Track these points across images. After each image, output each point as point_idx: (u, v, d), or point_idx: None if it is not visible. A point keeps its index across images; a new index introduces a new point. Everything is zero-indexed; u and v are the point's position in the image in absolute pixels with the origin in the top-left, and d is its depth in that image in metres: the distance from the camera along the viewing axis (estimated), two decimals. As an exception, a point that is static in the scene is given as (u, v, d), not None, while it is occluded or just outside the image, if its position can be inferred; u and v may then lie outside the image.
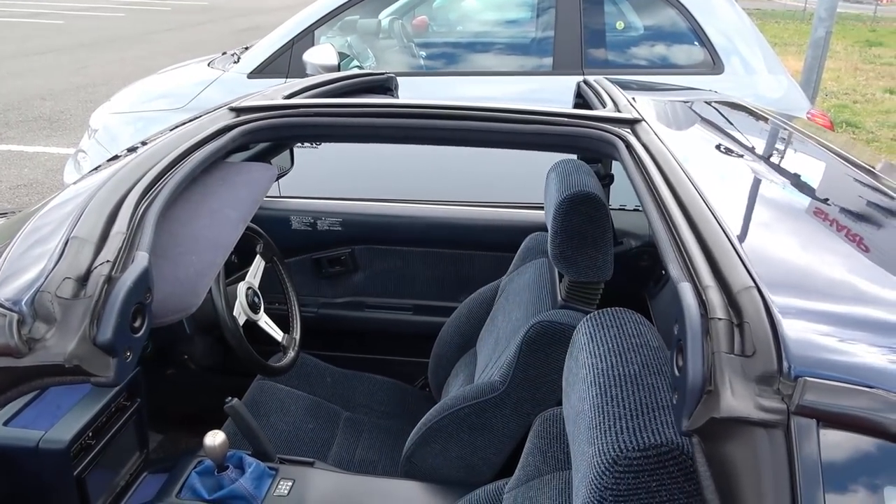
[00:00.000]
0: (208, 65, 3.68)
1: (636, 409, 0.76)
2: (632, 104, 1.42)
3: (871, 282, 0.76)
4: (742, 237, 0.82)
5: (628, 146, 1.17)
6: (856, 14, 18.59)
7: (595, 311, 0.97)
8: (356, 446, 1.78)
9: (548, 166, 1.59)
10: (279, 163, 2.01)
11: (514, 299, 1.63)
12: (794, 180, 1.15)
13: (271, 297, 1.97)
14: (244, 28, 13.02)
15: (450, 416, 1.44)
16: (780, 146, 1.43)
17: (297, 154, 2.15)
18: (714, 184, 1.01)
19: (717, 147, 1.29)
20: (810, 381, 0.59)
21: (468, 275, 2.22)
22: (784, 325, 0.64)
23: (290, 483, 1.45)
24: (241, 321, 1.71)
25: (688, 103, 1.67)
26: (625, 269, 1.72)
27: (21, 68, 8.72)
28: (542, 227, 1.95)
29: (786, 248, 0.84)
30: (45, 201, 1.04)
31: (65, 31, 12.21)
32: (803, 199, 1.06)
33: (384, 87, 1.86)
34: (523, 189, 2.61)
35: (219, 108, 1.37)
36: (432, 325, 1.98)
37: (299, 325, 1.97)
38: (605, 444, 0.74)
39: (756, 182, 1.10)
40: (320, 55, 3.14)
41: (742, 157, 1.24)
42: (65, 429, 1.29)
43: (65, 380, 0.72)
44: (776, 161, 1.29)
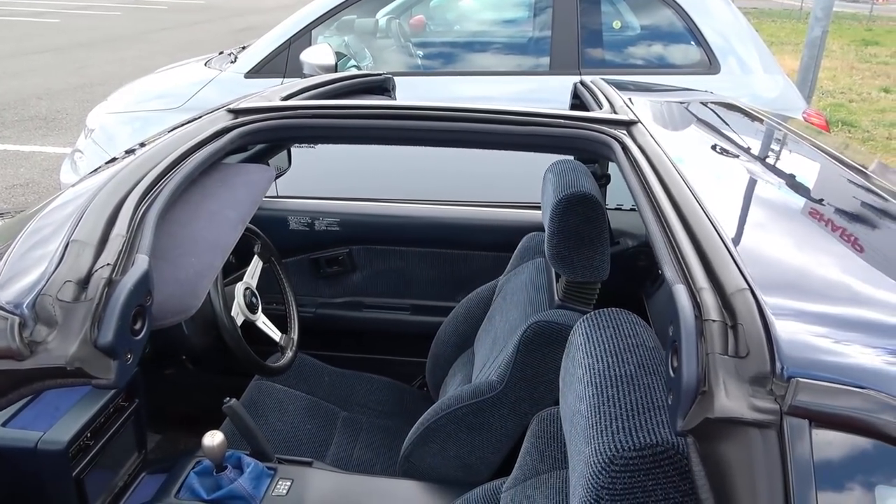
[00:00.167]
0: (205, 64, 3.67)
1: (632, 409, 0.77)
2: (628, 105, 1.42)
3: (864, 283, 0.77)
4: (736, 239, 0.83)
5: (624, 148, 1.18)
6: (852, 13, 18.63)
7: (592, 312, 0.98)
8: (354, 446, 1.79)
9: (545, 167, 1.59)
10: (276, 163, 2.01)
11: (512, 299, 1.63)
12: (789, 182, 1.16)
13: (269, 298, 1.97)
14: (241, 27, 13.01)
15: (447, 416, 1.44)
16: (774, 147, 1.44)
17: (294, 154, 2.15)
18: (709, 185, 1.02)
19: (713, 148, 1.30)
20: (803, 381, 0.60)
21: (466, 275, 2.23)
22: (777, 326, 0.64)
23: (288, 483, 1.45)
24: (239, 321, 1.71)
25: (684, 104, 1.68)
26: (621, 269, 1.73)
27: (17, 67, 8.70)
28: (539, 228, 1.96)
29: (779, 249, 0.84)
30: (43, 203, 1.04)
31: (61, 29, 12.18)
32: (797, 201, 1.07)
33: (382, 87, 1.86)
34: (520, 189, 2.61)
35: (217, 109, 1.37)
36: (430, 325, 1.98)
37: (297, 325, 1.97)
38: (602, 444, 0.75)
39: (750, 183, 1.11)
40: (317, 55, 3.14)
41: (737, 158, 1.24)
42: (63, 429, 1.29)
43: (66, 382, 0.73)
44: (771, 162, 1.29)
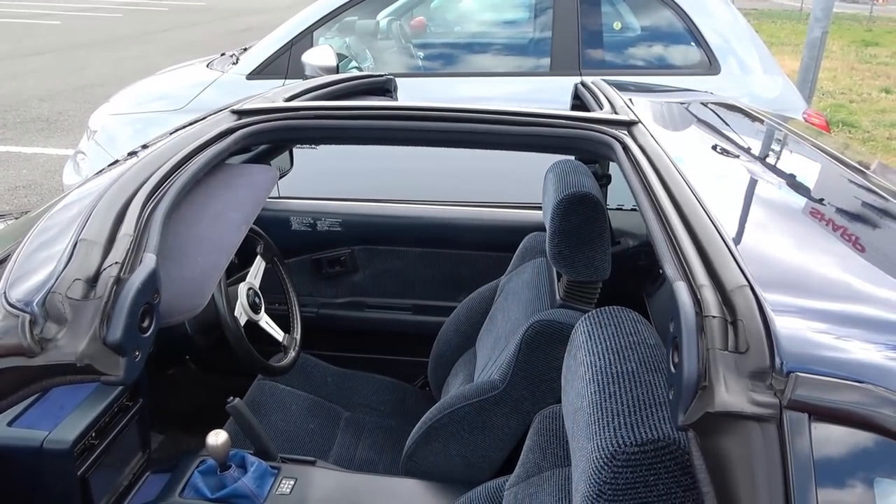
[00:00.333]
0: (207, 66, 3.68)
1: (634, 406, 0.78)
2: (628, 106, 1.43)
3: (863, 280, 0.78)
4: (736, 237, 0.83)
5: (625, 148, 1.19)
6: (852, 14, 18.64)
7: (593, 310, 0.98)
8: (357, 445, 1.79)
9: (546, 167, 1.60)
10: (278, 164, 2.02)
11: (513, 299, 1.64)
12: (788, 181, 1.17)
13: (272, 298, 1.98)
14: (242, 29, 13.03)
15: (450, 415, 1.45)
16: (774, 147, 1.45)
17: (296, 155, 2.16)
18: (709, 185, 1.03)
19: (713, 148, 1.30)
20: (802, 376, 0.61)
21: (467, 275, 2.24)
22: (776, 322, 0.65)
23: (292, 482, 1.46)
24: (243, 321, 1.72)
25: (684, 105, 1.69)
26: (623, 269, 1.74)
27: (18, 69, 8.72)
28: (540, 228, 1.96)
29: (779, 247, 0.85)
30: (50, 204, 1.05)
31: (62, 31, 12.20)
32: (796, 200, 1.08)
33: (383, 88, 1.87)
34: (521, 190, 2.62)
35: (220, 110, 1.38)
36: (432, 325, 1.99)
37: (300, 325, 1.98)
38: (604, 440, 0.75)
39: (750, 183, 1.11)
40: (319, 56, 3.15)
41: (737, 158, 1.25)
42: (68, 429, 1.30)
43: (76, 379, 0.74)
44: (770, 162, 1.30)
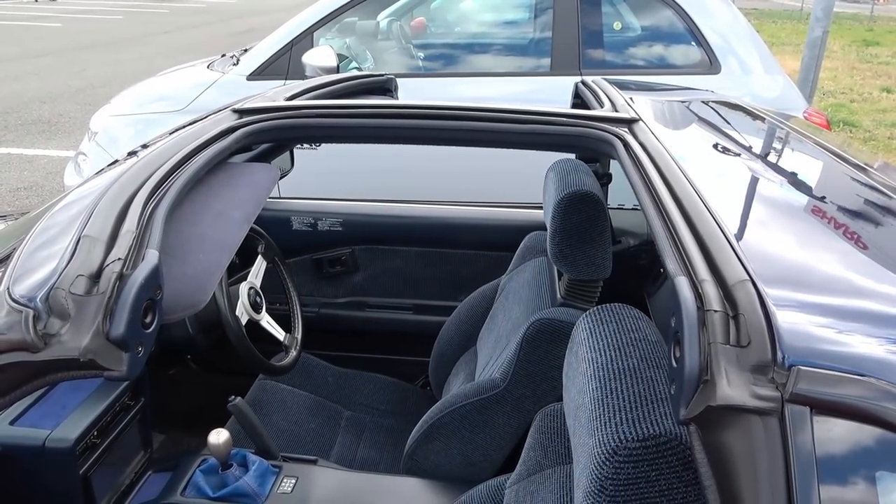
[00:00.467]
0: (208, 67, 3.69)
1: (635, 402, 0.78)
2: (629, 104, 1.43)
3: (863, 275, 0.78)
4: (737, 233, 0.83)
5: (626, 145, 1.19)
6: (853, 14, 18.63)
7: (594, 307, 0.98)
8: (358, 445, 1.79)
9: (546, 166, 1.60)
10: (279, 164, 2.02)
11: (514, 298, 1.64)
12: (789, 178, 1.17)
13: (273, 298, 1.98)
14: (242, 30, 13.04)
15: (451, 414, 1.45)
16: (776, 145, 1.45)
17: (297, 156, 2.16)
18: (710, 181, 1.03)
19: (714, 146, 1.30)
20: (804, 370, 0.61)
21: (468, 274, 2.24)
22: (778, 316, 0.65)
23: (293, 480, 1.46)
24: (244, 321, 1.72)
25: (685, 103, 1.69)
26: (623, 268, 1.74)
27: (19, 71, 8.73)
28: (541, 227, 1.97)
29: (780, 243, 0.85)
30: (52, 202, 1.05)
31: (63, 33, 12.21)
32: (798, 197, 1.08)
33: (384, 88, 1.87)
34: (523, 190, 2.62)
35: (222, 109, 1.38)
36: (433, 325, 1.99)
37: (301, 324, 1.98)
38: (605, 436, 0.75)
39: (752, 180, 1.11)
40: (319, 57, 3.16)
41: (738, 155, 1.25)
42: (70, 428, 1.30)
43: (79, 374, 0.74)
44: (772, 159, 1.30)
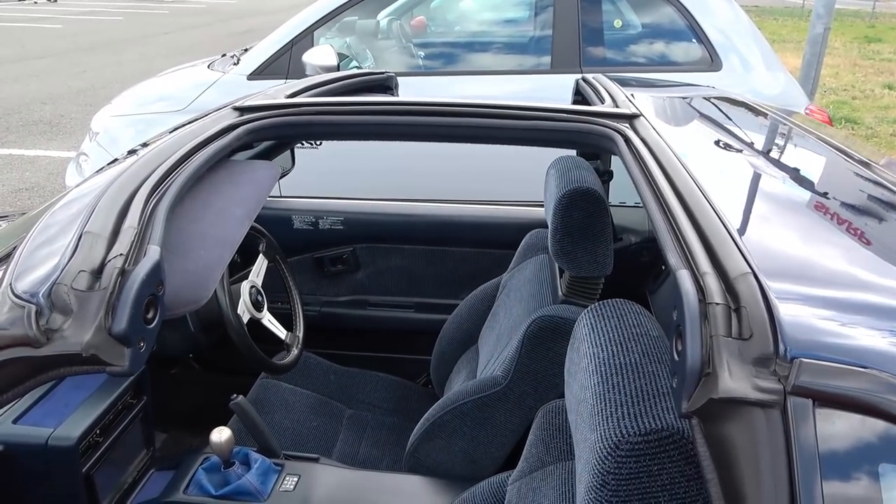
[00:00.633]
0: (208, 67, 3.69)
1: (637, 396, 0.78)
2: (630, 100, 1.43)
3: (866, 269, 0.78)
4: (739, 227, 0.83)
5: (627, 140, 1.19)
6: (854, 10, 18.61)
7: (596, 303, 0.98)
8: (360, 443, 1.80)
9: (547, 163, 1.60)
10: (280, 163, 2.02)
11: (515, 295, 1.64)
12: (791, 173, 1.16)
13: (274, 296, 1.98)
14: (242, 30, 13.05)
15: (453, 412, 1.45)
16: (777, 140, 1.45)
17: (298, 155, 2.16)
18: (712, 176, 1.02)
19: (716, 141, 1.30)
20: (806, 362, 0.61)
21: (469, 272, 2.24)
22: (780, 309, 0.65)
23: (295, 478, 1.46)
24: (245, 319, 1.72)
25: (686, 99, 1.69)
26: (625, 265, 1.74)
27: (20, 72, 8.74)
28: (542, 224, 1.97)
29: (782, 237, 0.85)
30: (54, 199, 1.06)
31: (63, 34, 12.23)
32: (800, 192, 1.08)
33: (384, 86, 1.87)
34: (523, 186, 2.62)
35: (223, 107, 1.38)
36: (434, 323, 1.99)
37: (302, 323, 1.98)
38: (607, 430, 0.75)
39: (753, 175, 1.11)
40: (320, 56, 3.16)
41: (740, 151, 1.25)
42: (73, 426, 1.30)
43: (81, 369, 0.74)
44: (773, 155, 1.30)
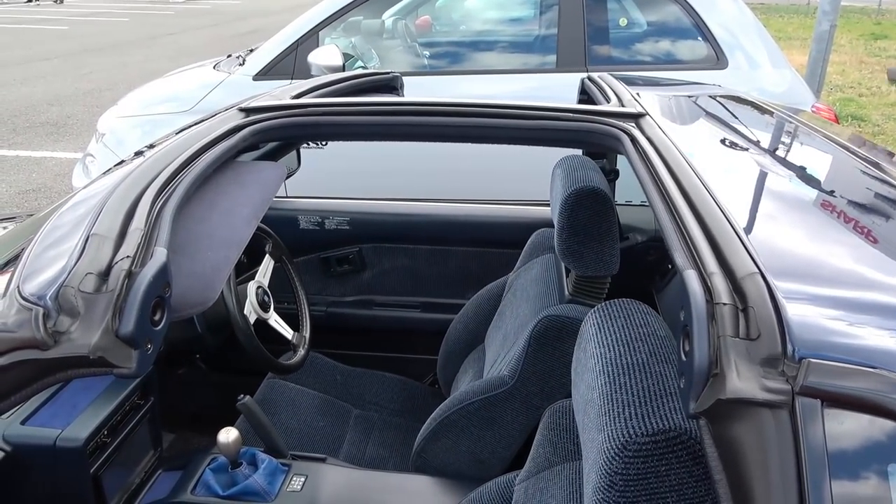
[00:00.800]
0: (214, 67, 3.70)
1: (644, 396, 0.77)
2: (636, 99, 1.43)
3: (874, 268, 0.77)
4: (746, 227, 0.83)
5: (633, 140, 1.18)
6: (860, 7, 18.50)
7: (603, 303, 0.98)
8: (367, 443, 1.80)
9: (553, 162, 1.60)
10: (286, 163, 2.02)
11: (522, 295, 1.64)
12: (798, 172, 1.16)
13: (280, 297, 1.98)
14: (246, 31, 13.07)
15: (459, 411, 1.45)
16: (784, 139, 1.44)
17: (304, 155, 2.16)
18: (718, 175, 1.02)
19: (722, 140, 1.30)
20: (814, 362, 0.60)
21: (476, 272, 2.24)
22: (788, 309, 0.65)
23: (302, 478, 1.46)
24: (252, 320, 1.73)
25: (692, 98, 1.68)
26: (631, 265, 1.73)
27: (27, 74, 8.78)
28: (548, 224, 1.96)
29: (790, 237, 0.85)
30: (60, 202, 1.06)
31: (69, 36, 12.28)
32: (807, 190, 1.07)
33: (390, 86, 1.87)
34: (529, 186, 2.62)
35: (228, 108, 1.38)
36: (441, 323, 1.99)
37: (309, 323, 1.99)
38: (615, 430, 0.75)
39: (760, 174, 1.11)
40: (325, 56, 3.16)
41: (746, 149, 1.25)
42: (81, 427, 1.30)
43: (89, 371, 0.74)
44: (780, 153, 1.29)
